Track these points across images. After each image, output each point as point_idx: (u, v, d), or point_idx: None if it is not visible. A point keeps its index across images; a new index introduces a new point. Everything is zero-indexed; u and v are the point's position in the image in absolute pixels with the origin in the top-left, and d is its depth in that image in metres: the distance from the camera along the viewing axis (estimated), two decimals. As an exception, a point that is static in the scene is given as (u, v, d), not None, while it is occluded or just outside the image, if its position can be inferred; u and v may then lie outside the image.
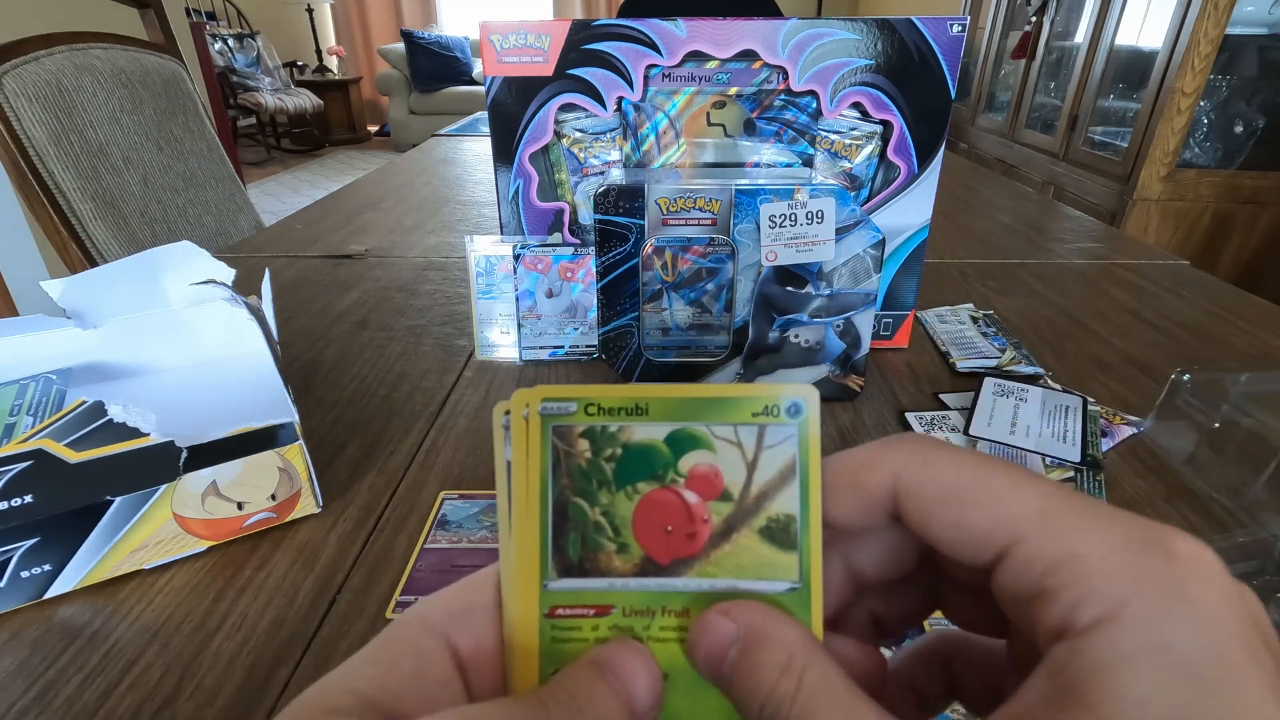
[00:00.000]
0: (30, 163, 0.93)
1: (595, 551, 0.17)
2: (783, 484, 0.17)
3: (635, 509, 0.17)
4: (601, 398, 0.17)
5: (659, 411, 0.17)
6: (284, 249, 0.94)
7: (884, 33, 0.56)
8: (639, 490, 0.17)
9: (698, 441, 0.17)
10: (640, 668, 0.16)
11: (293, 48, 5.53)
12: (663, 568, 0.17)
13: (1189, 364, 0.64)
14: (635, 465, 0.17)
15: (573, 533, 0.17)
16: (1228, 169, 1.82)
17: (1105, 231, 1.04)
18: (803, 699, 0.15)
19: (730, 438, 0.17)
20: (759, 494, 0.17)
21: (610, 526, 0.17)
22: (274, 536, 0.43)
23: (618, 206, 0.53)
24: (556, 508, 0.17)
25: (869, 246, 0.52)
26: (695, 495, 0.17)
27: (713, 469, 0.17)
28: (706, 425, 0.17)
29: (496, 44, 0.57)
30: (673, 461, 0.17)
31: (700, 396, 0.17)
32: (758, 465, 0.17)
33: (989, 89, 2.83)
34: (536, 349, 0.63)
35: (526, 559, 0.17)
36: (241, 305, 0.46)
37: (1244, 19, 1.74)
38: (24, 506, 0.35)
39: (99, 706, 0.32)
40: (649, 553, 0.17)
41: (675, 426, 0.17)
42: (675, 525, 0.17)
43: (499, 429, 0.17)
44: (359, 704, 0.15)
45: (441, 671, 0.16)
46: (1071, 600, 0.13)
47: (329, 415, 0.56)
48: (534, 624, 0.17)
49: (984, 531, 0.15)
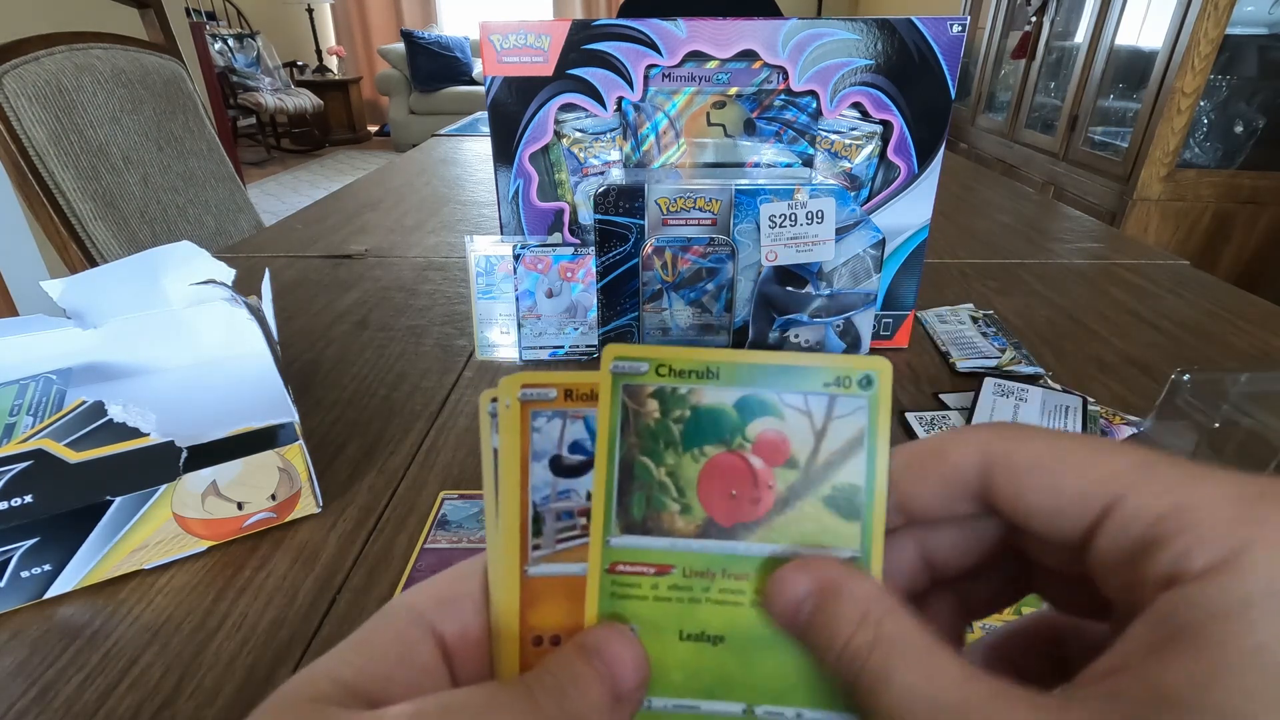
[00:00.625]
0: (30, 163, 0.93)
1: (659, 511, 0.17)
2: (850, 454, 0.17)
3: (701, 471, 0.17)
4: (674, 359, 0.17)
5: (729, 376, 0.17)
6: (284, 249, 0.94)
7: (884, 33, 0.56)
8: (705, 453, 0.17)
9: (767, 408, 0.17)
10: (625, 651, 0.16)
11: (293, 48, 5.53)
12: (725, 530, 0.17)
13: (1189, 364, 0.64)
14: (703, 428, 0.17)
15: (638, 491, 0.17)
16: (1228, 169, 1.82)
17: (1105, 231, 1.04)
18: (881, 650, 0.15)
19: (800, 406, 0.17)
20: (825, 463, 0.17)
21: (675, 487, 0.17)
22: (274, 536, 0.43)
23: (618, 206, 0.53)
24: (623, 466, 0.17)
25: (869, 246, 0.52)
26: (761, 461, 0.17)
27: (780, 436, 0.17)
28: (776, 392, 0.17)
29: (496, 44, 0.57)
30: (741, 426, 0.17)
31: (773, 364, 0.17)
32: (826, 434, 0.17)
33: (989, 89, 2.83)
34: (536, 349, 0.63)
35: (511, 546, 0.17)
36: (241, 305, 0.46)
37: (1244, 19, 1.74)
38: (24, 506, 0.35)
39: (99, 706, 0.32)
40: (712, 515, 0.17)
41: (745, 392, 0.17)
42: (740, 490, 0.17)
43: (485, 416, 0.17)
44: (340, 691, 0.15)
45: (426, 659, 0.16)
46: (1182, 548, 0.13)
47: (329, 415, 0.56)
48: (518, 610, 0.17)
49: (1082, 493, 0.14)
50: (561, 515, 0.17)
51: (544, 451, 0.17)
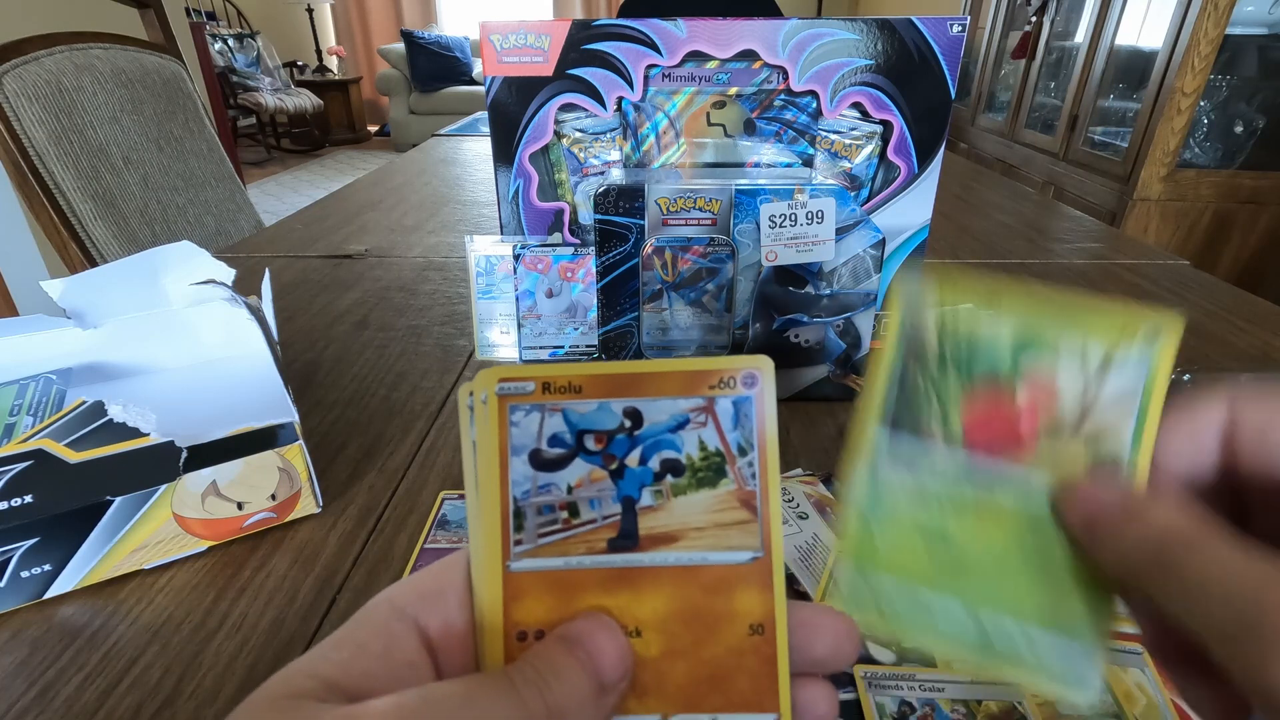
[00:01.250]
0: (30, 163, 0.93)
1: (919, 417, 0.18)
2: (1120, 413, 0.17)
3: (967, 398, 0.18)
4: (959, 285, 0.18)
5: (1013, 308, 0.17)
6: (284, 249, 0.94)
7: (884, 33, 0.56)
8: (977, 382, 0.18)
9: (1044, 349, 0.17)
10: (609, 642, 0.16)
11: (293, 48, 5.53)
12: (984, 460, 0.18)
13: (1189, 364, 0.64)
14: (979, 358, 0.18)
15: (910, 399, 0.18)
16: (1228, 169, 1.82)
17: (1105, 231, 1.04)
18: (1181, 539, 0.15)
19: (1078, 351, 0.17)
20: (1094, 418, 0.17)
21: (939, 403, 0.18)
22: (274, 536, 0.43)
23: (618, 206, 0.53)
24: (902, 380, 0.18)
25: (869, 246, 0.52)
26: (1030, 400, 0.17)
27: (1052, 380, 0.17)
28: (1059, 334, 0.17)
29: (496, 44, 0.57)
30: (1016, 364, 0.17)
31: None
32: (1100, 386, 0.17)
33: (989, 89, 2.83)
34: (536, 349, 0.63)
35: (492, 541, 0.17)
36: (241, 305, 0.46)
37: (1244, 19, 1.74)
38: (24, 506, 0.35)
39: (99, 706, 0.32)
40: (970, 439, 0.18)
41: (1026, 330, 0.17)
42: (1002, 423, 0.17)
43: (464, 411, 0.17)
44: (321, 686, 0.15)
45: (409, 653, 0.16)
46: None
47: (329, 415, 0.56)
48: (500, 603, 0.17)
49: None
50: (543, 509, 0.17)
51: (523, 446, 0.17)
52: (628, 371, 0.17)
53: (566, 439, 0.17)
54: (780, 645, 0.17)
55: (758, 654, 0.17)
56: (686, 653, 0.17)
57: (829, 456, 0.51)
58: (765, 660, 0.17)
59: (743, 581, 0.17)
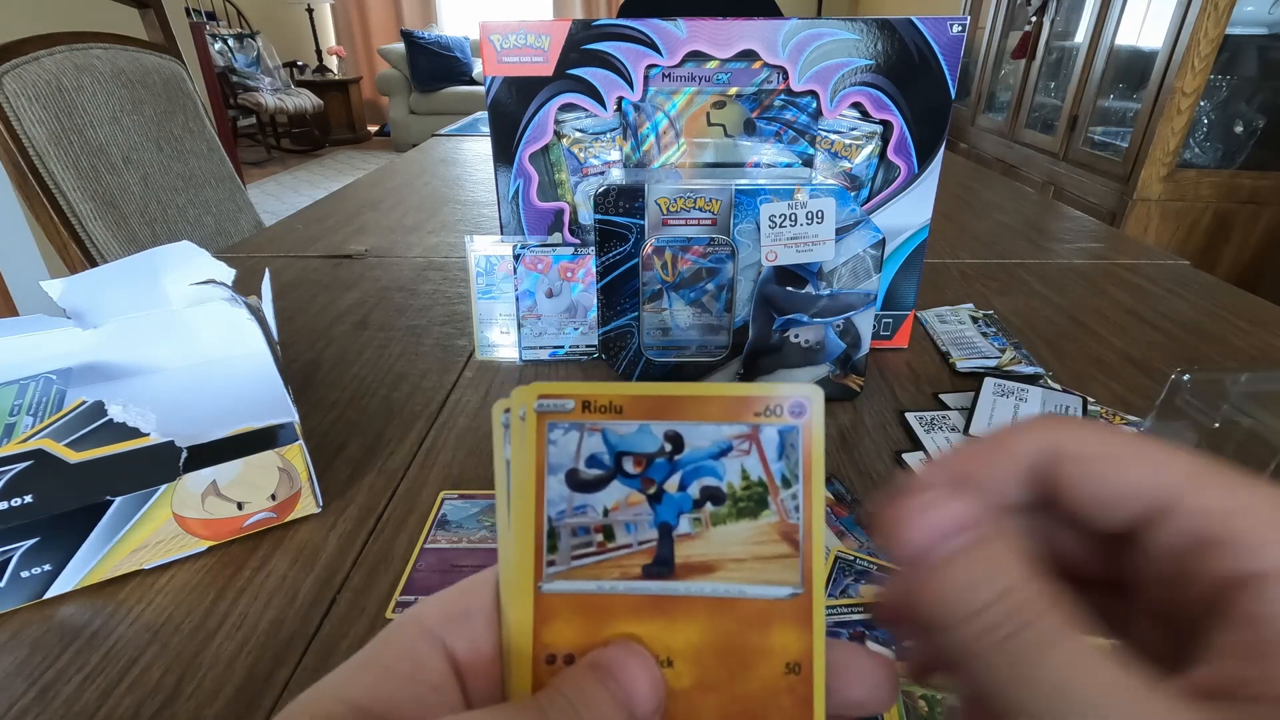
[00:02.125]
0: (30, 163, 0.93)
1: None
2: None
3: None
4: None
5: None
6: (284, 249, 0.94)
7: (884, 33, 0.56)
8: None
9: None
10: (641, 671, 0.16)
11: (293, 48, 5.53)
12: None
13: (1189, 364, 0.64)
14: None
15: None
16: (1228, 169, 1.82)
17: (1105, 231, 1.04)
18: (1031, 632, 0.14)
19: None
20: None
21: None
22: (274, 536, 0.43)
23: (618, 206, 0.53)
24: None
25: (869, 246, 0.52)
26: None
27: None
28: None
29: (496, 44, 0.57)
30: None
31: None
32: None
33: (989, 89, 2.83)
34: (536, 349, 0.63)
35: (525, 562, 0.17)
36: (241, 305, 0.46)
37: (1244, 19, 1.74)
38: (24, 506, 0.35)
39: (99, 706, 0.32)
40: None
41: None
42: None
43: (498, 427, 0.17)
44: (350, 711, 0.14)
45: (437, 676, 0.16)
46: (1253, 544, 0.13)
47: (329, 415, 0.56)
48: (530, 624, 0.17)
49: (1147, 486, 0.15)
50: (578, 531, 0.17)
51: (560, 465, 0.17)
52: (671, 394, 0.17)
53: (605, 460, 0.17)
54: (818, 686, 0.16)
55: (793, 694, 0.16)
56: (719, 687, 0.16)
57: (829, 457, 0.51)
58: (800, 701, 0.16)
59: (780, 618, 0.16)
